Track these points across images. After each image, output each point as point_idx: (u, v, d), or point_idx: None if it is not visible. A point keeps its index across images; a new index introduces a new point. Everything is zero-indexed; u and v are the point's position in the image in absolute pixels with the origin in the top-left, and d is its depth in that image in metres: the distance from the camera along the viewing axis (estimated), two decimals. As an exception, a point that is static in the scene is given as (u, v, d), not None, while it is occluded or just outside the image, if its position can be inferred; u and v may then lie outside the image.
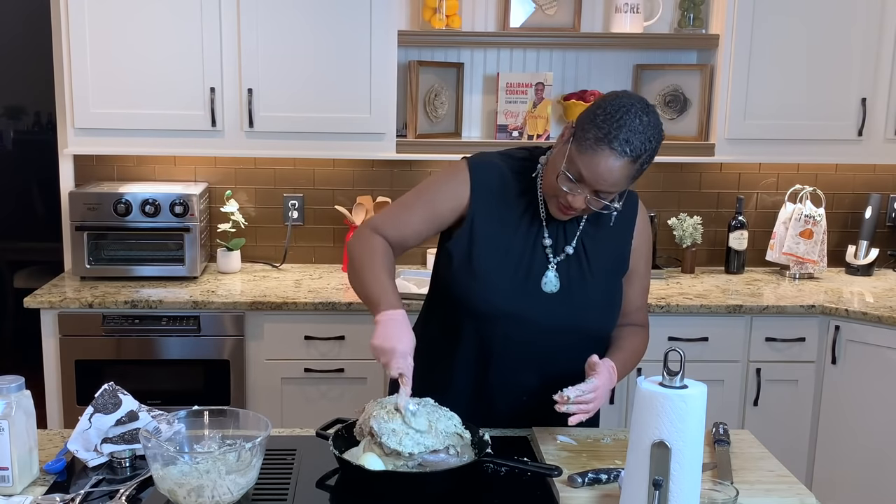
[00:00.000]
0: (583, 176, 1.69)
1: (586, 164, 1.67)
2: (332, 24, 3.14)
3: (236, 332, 3.05)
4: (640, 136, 1.66)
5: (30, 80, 4.81)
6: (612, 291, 1.89)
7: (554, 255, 1.84)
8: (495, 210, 1.84)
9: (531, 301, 1.82)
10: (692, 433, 1.35)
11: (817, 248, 3.48)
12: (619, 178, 1.68)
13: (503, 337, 1.84)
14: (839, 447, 3.16)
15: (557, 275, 1.83)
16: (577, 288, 1.84)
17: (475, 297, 1.83)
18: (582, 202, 1.72)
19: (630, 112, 1.66)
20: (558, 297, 1.83)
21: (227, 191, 3.48)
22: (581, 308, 1.84)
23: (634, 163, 1.68)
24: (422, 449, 1.59)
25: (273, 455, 1.72)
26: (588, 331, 1.86)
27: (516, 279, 1.82)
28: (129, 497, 1.57)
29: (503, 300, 1.82)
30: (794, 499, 1.62)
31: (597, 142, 1.65)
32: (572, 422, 1.72)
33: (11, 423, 1.55)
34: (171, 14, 3.10)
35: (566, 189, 1.71)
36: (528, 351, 1.85)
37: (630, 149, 1.65)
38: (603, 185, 1.69)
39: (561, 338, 1.84)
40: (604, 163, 1.66)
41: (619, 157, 1.65)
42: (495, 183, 1.84)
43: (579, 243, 1.85)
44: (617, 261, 1.89)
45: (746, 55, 3.26)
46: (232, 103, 3.18)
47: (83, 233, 3.18)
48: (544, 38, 3.39)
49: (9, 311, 4.95)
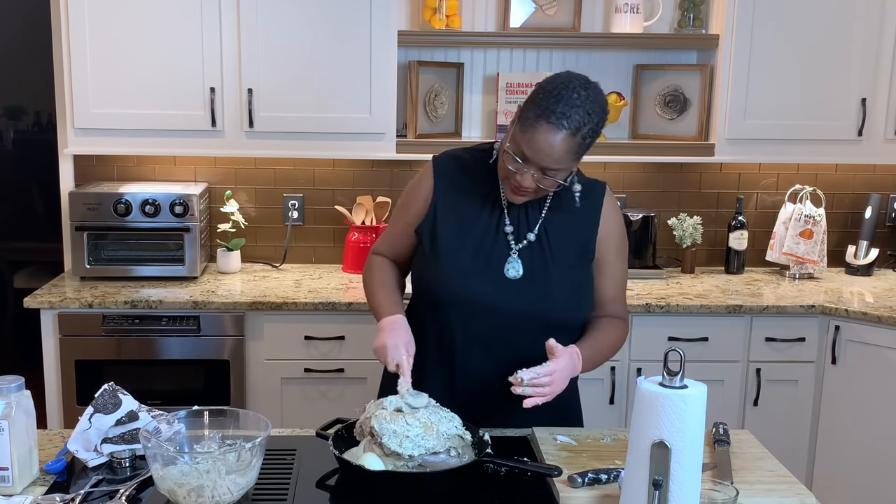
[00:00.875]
0: (525, 154, 1.72)
1: (527, 141, 1.71)
2: (332, 24, 3.14)
3: (236, 332, 3.05)
4: (578, 109, 1.69)
5: (30, 80, 4.81)
6: (578, 279, 1.89)
7: (516, 242, 1.87)
8: (457, 199, 1.89)
9: (493, 286, 1.84)
10: (692, 433, 1.35)
11: (817, 248, 3.48)
12: (560, 153, 1.71)
13: (468, 323, 1.86)
14: (839, 447, 3.16)
15: (520, 261, 1.85)
16: (540, 274, 1.85)
17: (438, 284, 1.87)
18: (530, 181, 1.75)
19: (568, 88, 1.70)
20: (521, 283, 1.85)
21: (227, 191, 3.48)
22: (544, 294, 1.85)
23: (574, 136, 1.70)
24: (422, 451, 1.59)
25: (273, 455, 1.72)
26: (553, 317, 1.86)
27: (478, 265, 1.85)
28: (129, 497, 1.57)
29: (465, 285, 1.85)
30: (794, 499, 1.62)
31: (536, 118, 1.70)
32: (527, 404, 1.72)
33: (11, 423, 1.55)
34: (171, 14, 3.10)
35: (513, 169, 1.75)
36: (494, 337, 1.86)
37: (568, 122, 1.68)
38: (546, 161, 1.71)
39: (527, 324, 1.85)
40: (542, 137, 1.69)
41: (557, 131, 1.68)
42: (457, 173, 1.90)
43: (542, 230, 1.87)
44: (581, 249, 1.90)
45: (746, 55, 3.26)
46: (232, 103, 3.18)
47: (83, 233, 3.18)
48: (544, 38, 3.39)
49: (9, 311, 4.95)
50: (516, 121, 1.76)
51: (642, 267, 3.49)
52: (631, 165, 3.62)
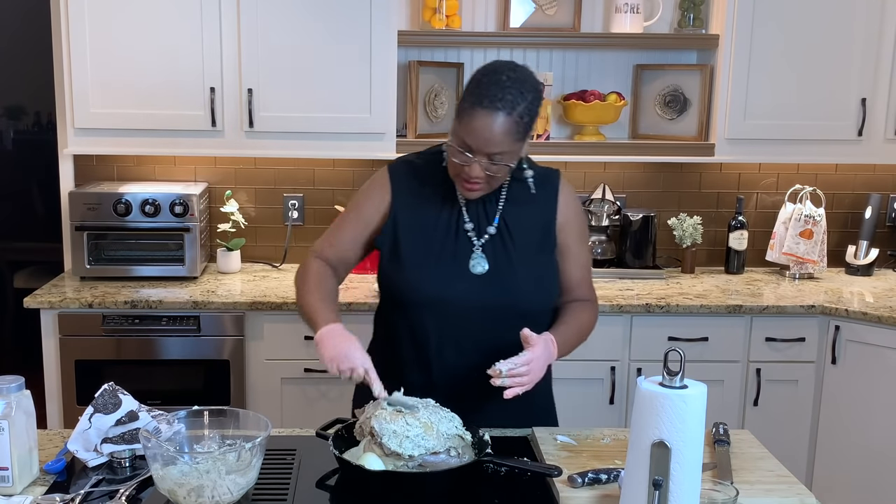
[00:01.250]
0: (468, 143, 1.75)
1: (466, 130, 1.74)
2: (332, 24, 3.14)
3: (236, 332, 3.05)
4: (509, 90, 1.72)
5: (30, 79, 4.81)
6: (543, 268, 1.91)
7: (478, 238, 1.88)
8: (416, 203, 1.90)
9: (460, 284, 1.85)
10: (692, 433, 1.35)
11: (817, 248, 3.48)
12: (499, 135, 1.73)
13: (439, 322, 1.87)
14: (839, 447, 3.16)
15: (484, 256, 1.86)
16: (505, 267, 1.87)
17: (406, 287, 1.87)
18: (479, 170, 1.77)
19: (496, 72, 1.75)
20: (487, 278, 1.86)
21: (227, 191, 3.48)
22: (511, 286, 1.86)
23: (511, 116, 1.72)
24: (422, 451, 1.59)
25: (273, 455, 1.72)
26: (522, 307, 1.87)
27: (443, 264, 1.86)
28: (129, 497, 1.57)
29: (432, 286, 1.85)
30: (794, 499, 1.62)
31: (471, 107, 1.73)
32: (508, 395, 1.73)
33: (11, 423, 1.55)
34: (171, 14, 3.10)
35: (460, 162, 1.77)
36: (466, 333, 1.87)
37: (501, 103, 1.71)
38: (489, 146, 1.74)
39: (497, 318, 1.86)
40: (480, 123, 1.72)
41: (492, 114, 1.71)
42: (412, 179, 1.92)
43: (501, 223, 1.89)
44: (542, 238, 1.92)
45: (746, 55, 3.26)
46: (232, 103, 3.18)
47: (83, 233, 3.18)
48: (544, 38, 3.39)
49: (9, 311, 4.95)
50: (456, 114, 1.79)
51: (642, 267, 3.49)
52: (631, 165, 3.62)
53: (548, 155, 3.40)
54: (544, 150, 3.39)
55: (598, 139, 3.44)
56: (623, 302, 3.09)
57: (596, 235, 3.58)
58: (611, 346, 3.12)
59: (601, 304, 3.06)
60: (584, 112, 3.39)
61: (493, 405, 1.79)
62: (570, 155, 3.42)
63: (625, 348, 3.13)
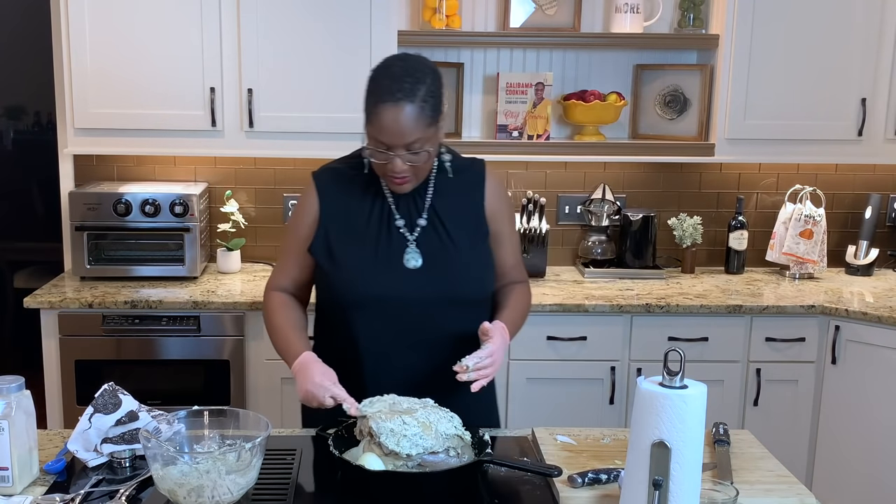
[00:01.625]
0: (383, 141, 1.76)
1: (377, 128, 1.76)
2: (331, 24, 3.14)
3: (236, 332, 3.05)
4: (405, 80, 1.74)
5: (30, 79, 4.81)
6: (479, 256, 1.93)
7: (410, 233, 1.89)
8: (344, 209, 1.91)
9: (398, 279, 1.86)
10: (692, 433, 1.35)
11: (817, 248, 3.48)
12: (409, 125, 1.74)
13: (383, 320, 1.86)
14: (839, 447, 3.16)
15: (418, 250, 1.87)
16: (441, 258, 1.88)
17: (344, 289, 1.88)
18: (401, 164, 1.78)
19: (389, 67, 1.78)
20: (424, 271, 1.87)
21: (227, 191, 3.48)
22: (450, 276, 1.87)
23: (414, 103, 1.74)
24: (420, 450, 1.59)
25: (273, 455, 1.72)
26: (463, 297, 1.89)
27: (379, 263, 1.87)
28: (129, 497, 1.57)
29: (370, 285, 1.86)
30: (794, 499, 1.62)
31: (374, 105, 1.76)
32: (475, 388, 1.75)
33: (11, 423, 1.55)
34: (172, 14, 3.11)
35: (382, 161, 1.79)
36: (411, 328, 1.87)
37: (401, 94, 1.73)
38: (402, 138, 1.75)
39: (437, 310, 1.87)
40: (387, 118, 1.74)
41: (395, 106, 1.73)
42: (338, 185, 1.93)
43: (431, 214, 1.90)
44: (474, 225, 1.93)
45: (746, 55, 3.26)
46: (232, 103, 3.18)
47: (83, 233, 3.18)
48: (544, 38, 3.39)
49: (9, 311, 4.95)
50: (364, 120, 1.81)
51: (642, 267, 3.49)
52: (631, 165, 3.63)
53: (548, 155, 3.41)
54: (544, 151, 3.39)
55: (598, 139, 3.44)
56: (623, 302, 3.09)
57: (596, 235, 3.58)
58: (611, 346, 3.12)
59: (601, 303, 3.08)
60: (584, 112, 3.39)
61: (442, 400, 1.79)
62: (570, 155, 3.42)
63: (625, 348, 3.13)
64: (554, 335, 3.09)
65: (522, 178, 3.63)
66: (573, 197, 3.65)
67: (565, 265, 3.68)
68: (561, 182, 3.65)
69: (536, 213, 3.41)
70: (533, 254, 3.41)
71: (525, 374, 3.11)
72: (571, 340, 3.10)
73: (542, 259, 3.42)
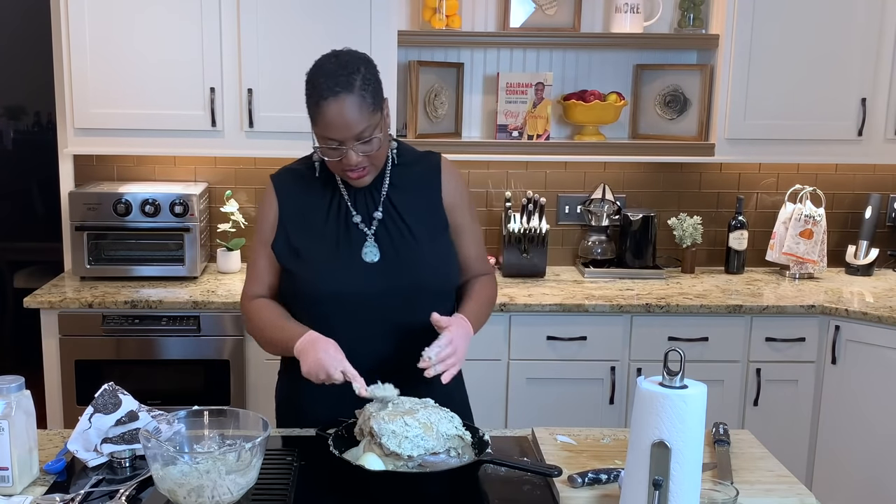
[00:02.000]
0: (332, 136, 1.78)
1: (322, 126, 1.78)
2: (332, 23, 3.14)
3: (236, 332, 3.05)
4: (339, 74, 1.76)
5: (30, 79, 4.82)
6: (438, 247, 1.93)
7: (368, 227, 1.90)
8: (302, 208, 1.92)
9: (357, 274, 1.87)
10: (692, 433, 1.35)
11: (817, 248, 3.48)
12: (353, 115, 1.75)
13: (348, 316, 1.86)
14: (839, 447, 3.16)
15: (376, 245, 1.88)
16: (399, 251, 1.89)
17: (306, 287, 1.88)
18: (355, 156, 1.79)
19: (321, 66, 1.80)
20: (382, 264, 1.87)
21: (227, 191, 3.48)
22: (409, 268, 1.88)
23: (353, 93, 1.75)
24: (421, 452, 1.59)
25: (273, 455, 1.72)
26: (424, 288, 1.89)
27: (338, 259, 1.87)
28: (129, 497, 1.57)
29: (330, 281, 1.86)
30: (794, 499, 1.62)
31: (316, 104, 1.77)
32: (445, 379, 1.75)
33: (11, 423, 1.55)
34: (172, 14, 3.10)
35: (335, 157, 1.80)
36: (378, 322, 1.87)
37: (338, 87, 1.75)
38: (349, 130, 1.76)
39: (401, 301, 1.87)
40: (331, 114, 1.75)
41: (335, 100, 1.74)
42: (295, 185, 1.94)
43: (388, 207, 1.91)
44: (432, 217, 1.94)
45: (746, 55, 3.26)
46: (232, 103, 3.18)
47: (83, 233, 3.18)
48: (544, 38, 3.39)
49: (9, 311, 4.95)
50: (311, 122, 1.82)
51: (642, 267, 3.49)
52: (631, 165, 3.63)
53: (548, 155, 3.41)
54: (544, 151, 3.39)
55: (598, 139, 3.44)
56: (623, 302, 3.09)
57: (596, 235, 3.58)
58: (611, 346, 3.12)
59: (601, 303, 3.08)
60: (584, 112, 3.39)
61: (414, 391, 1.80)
62: (570, 155, 3.42)
63: (625, 348, 3.13)
64: (554, 335, 3.09)
65: (522, 178, 3.63)
66: (573, 197, 3.65)
67: (565, 265, 3.68)
68: (561, 182, 3.65)
69: (536, 213, 3.41)
70: (533, 254, 3.41)
71: (525, 374, 3.11)
72: (571, 340, 3.10)
73: (542, 259, 3.42)
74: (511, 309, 3.06)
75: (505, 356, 3.11)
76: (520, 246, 3.41)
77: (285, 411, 2.05)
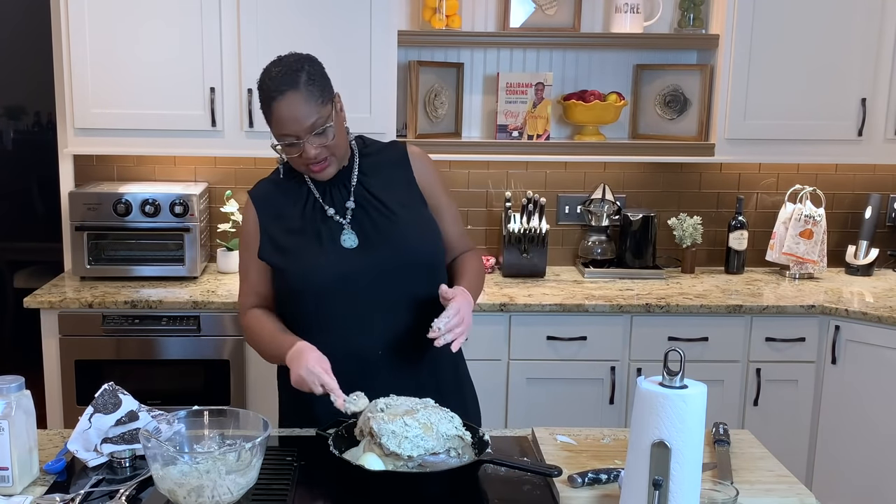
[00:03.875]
0: (288, 132, 1.84)
1: (277, 124, 1.85)
2: (331, 24, 3.14)
3: (236, 332, 3.05)
4: (283, 74, 1.83)
5: (30, 79, 4.82)
6: (419, 218, 1.98)
7: (343, 218, 1.94)
8: (278, 214, 1.97)
9: (341, 259, 1.90)
10: (692, 433, 1.35)
11: (817, 248, 3.48)
12: (303, 109, 1.82)
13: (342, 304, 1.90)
14: (839, 447, 3.16)
15: (353, 231, 1.93)
16: (381, 227, 1.93)
17: (295, 282, 1.91)
18: (312, 149, 1.85)
19: (268, 71, 1.87)
20: (364, 245, 1.92)
21: (227, 191, 3.48)
22: (390, 245, 1.92)
23: (299, 89, 1.82)
24: (421, 452, 1.59)
25: (273, 455, 1.72)
26: (412, 261, 1.93)
27: (321, 250, 1.91)
28: (129, 497, 1.57)
29: (318, 270, 1.90)
30: (794, 499, 1.62)
31: (267, 105, 1.85)
32: (455, 348, 1.80)
33: (11, 423, 1.55)
34: (172, 14, 3.10)
35: (295, 153, 1.86)
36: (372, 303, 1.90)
37: (284, 85, 1.82)
38: (301, 122, 1.82)
39: (390, 279, 1.90)
40: (281, 111, 1.82)
41: (283, 97, 1.82)
42: (271, 193, 2.00)
43: (361, 194, 1.96)
44: (408, 194, 2.00)
45: (746, 55, 3.26)
46: (232, 103, 3.18)
47: (83, 233, 3.18)
48: (544, 38, 3.39)
49: (9, 311, 4.95)
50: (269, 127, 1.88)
51: (642, 267, 3.49)
52: (631, 165, 3.63)
53: (548, 155, 3.41)
54: (544, 151, 3.39)
55: (598, 139, 3.44)
56: (623, 302, 3.09)
57: (596, 235, 3.58)
58: (611, 346, 3.12)
59: (601, 303, 3.08)
60: (584, 112, 3.39)
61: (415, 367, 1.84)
62: (570, 155, 3.42)
63: (625, 348, 3.13)
64: (554, 335, 3.09)
65: (522, 178, 3.63)
66: (573, 197, 3.65)
67: (565, 265, 3.68)
68: (561, 182, 3.65)
69: (536, 213, 3.41)
70: (533, 254, 3.41)
71: (525, 374, 3.11)
72: (571, 340, 3.10)
73: (542, 259, 3.43)
74: (511, 309, 3.07)
75: (505, 356, 3.11)
76: (520, 246, 3.41)
77: (291, 407, 2.04)
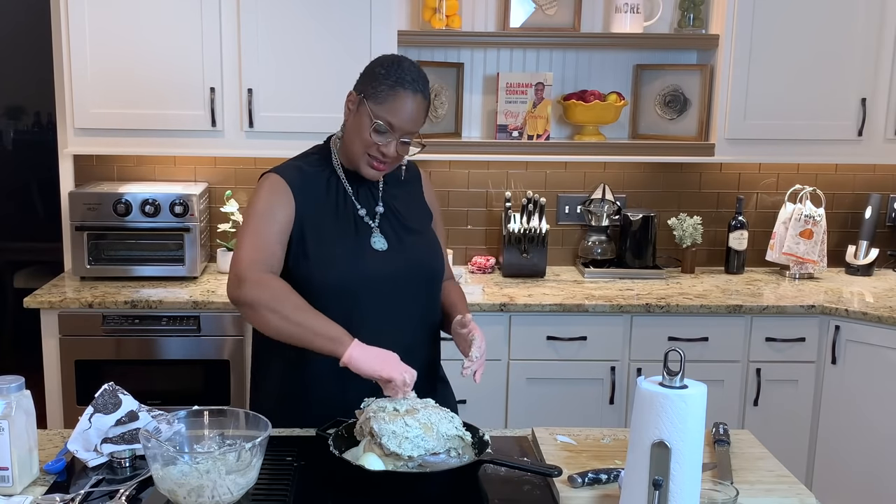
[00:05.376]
0: (391, 123, 1.86)
1: (391, 109, 1.86)
2: (332, 24, 3.14)
3: (236, 332, 3.05)
4: (420, 75, 1.90)
5: (30, 79, 4.82)
6: (430, 236, 2.09)
7: (372, 220, 1.99)
8: (314, 203, 1.97)
9: (372, 260, 1.95)
10: (692, 433, 1.35)
11: (817, 248, 3.48)
12: (419, 114, 1.89)
13: (369, 302, 1.92)
14: (839, 447, 3.16)
15: (382, 235, 1.98)
16: (403, 240, 2.00)
17: (319, 276, 1.91)
18: (394, 149, 1.89)
19: (401, 62, 1.90)
20: (389, 252, 1.97)
21: (227, 191, 3.48)
22: (412, 256, 1.99)
23: (426, 98, 1.90)
24: (421, 452, 1.59)
25: (273, 455, 1.72)
26: (426, 274, 2.01)
27: (354, 248, 1.94)
28: (129, 497, 1.57)
29: (347, 270, 1.92)
30: (794, 499, 1.62)
31: (393, 88, 1.86)
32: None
33: (11, 423, 1.55)
34: (172, 14, 3.11)
35: (380, 141, 1.88)
36: (390, 306, 1.94)
37: (419, 85, 1.88)
38: (410, 125, 1.88)
39: (405, 288, 1.97)
40: (407, 102, 1.86)
41: (415, 94, 1.87)
42: (306, 182, 1.98)
43: (387, 202, 2.02)
44: (421, 211, 2.10)
45: (746, 55, 3.26)
46: (232, 103, 3.18)
47: (83, 233, 3.18)
48: (544, 38, 3.39)
49: (9, 311, 4.95)
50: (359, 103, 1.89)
51: (642, 267, 3.49)
52: (631, 165, 3.62)
53: (548, 155, 3.41)
54: (544, 150, 3.39)
55: (598, 139, 3.44)
56: (623, 302, 3.09)
57: (596, 235, 3.58)
58: (611, 346, 3.12)
59: (601, 303, 3.09)
60: (584, 112, 3.39)
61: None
62: (570, 155, 3.42)
63: (625, 348, 3.13)
64: (554, 335, 3.09)
65: (522, 178, 3.63)
66: (573, 197, 3.65)
67: (565, 265, 3.68)
68: (561, 182, 3.65)
69: (536, 213, 3.41)
70: (533, 254, 3.41)
71: (525, 374, 3.11)
72: (571, 340, 3.10)
73: (542, 259, 3.43)
74: (511, 309, 3.07)
75: (505, 356, 3.11)
76: (520, 246, 3.41)
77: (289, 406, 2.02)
